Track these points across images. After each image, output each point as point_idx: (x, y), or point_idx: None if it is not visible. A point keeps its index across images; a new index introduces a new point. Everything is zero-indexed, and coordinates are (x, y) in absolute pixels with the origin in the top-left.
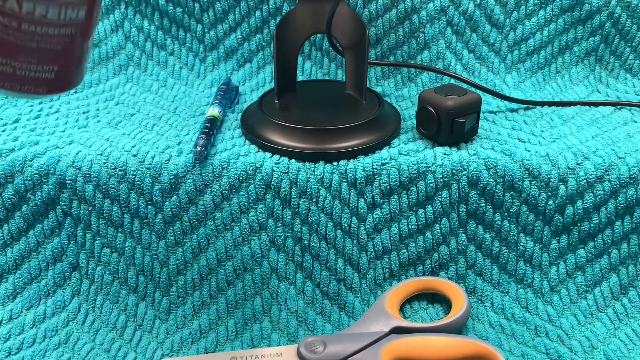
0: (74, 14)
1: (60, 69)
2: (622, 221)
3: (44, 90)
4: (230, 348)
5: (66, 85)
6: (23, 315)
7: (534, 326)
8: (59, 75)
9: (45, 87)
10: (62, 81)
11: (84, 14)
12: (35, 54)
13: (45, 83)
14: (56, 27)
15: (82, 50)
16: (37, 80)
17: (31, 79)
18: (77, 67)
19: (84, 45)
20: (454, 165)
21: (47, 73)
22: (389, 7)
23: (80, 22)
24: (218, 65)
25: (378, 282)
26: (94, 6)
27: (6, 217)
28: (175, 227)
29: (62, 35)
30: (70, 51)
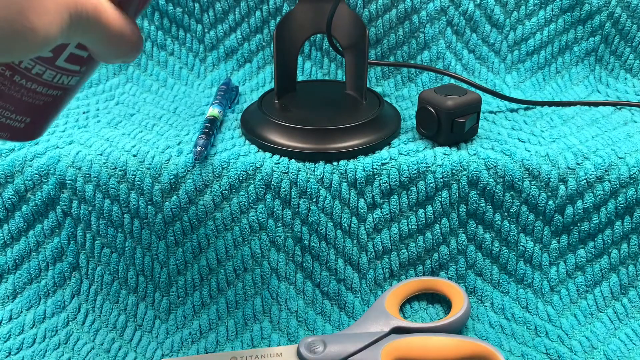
0: (68, 80)
1: (32, 122)
2: (622, 221)
3: (6, 136)
4: (230, 348)
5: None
6: (23, 315)
7: (534, 326)
8: (27, 127)
9: (8, 134)
10: (27, 133)
11: (77, 82)
12: (15, 104)
13: (11, 130)
14: (45, 87)
15: (59, 110)
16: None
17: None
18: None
19: (62, 107)
20: (454, 165)
21: (18, 122)
22: (389, 7)
23: (70, 88)
24: (218, 65)
25: (378, 282)
26: (86, 77)
27: (6, 217)
28: (175, 227)
29: (48, 95)
30: (49, 109)
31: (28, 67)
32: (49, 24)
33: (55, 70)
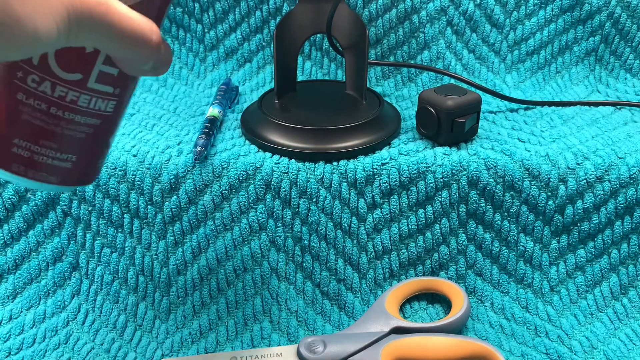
0: (104, 105)
1: (78, 160)
2: (622, 221)
3: (57, 180)
4: (230, 348)
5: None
6: (23, 315)
7: (534, 326)
8: (74, 167)
9: (58, 177)
10: (76, 173)
11: (113, 107)
12: (57, 140)
13: (60, 172)
14: (83, 116)
15: (104, 144)
16: (52, 169)
17: (46, 167)
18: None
19: (106, 140)
20: (454, 165)
21: (65, 162)
22: (389, 7)
23: (108, 115)
24: (218, 65)
25: (378, 282)
26: (123, 102)
27: (6, 217)
28: (175, 227)
29: (88, 125)
30: (92, 143)
31: (62, 95)
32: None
33: (89, 94)
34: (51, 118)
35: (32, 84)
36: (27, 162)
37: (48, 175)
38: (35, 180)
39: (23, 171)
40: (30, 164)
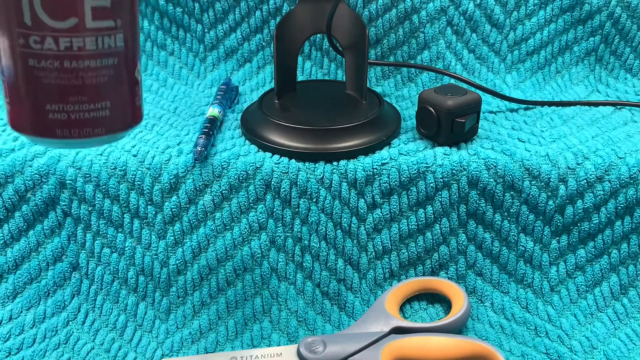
0: (112, 41)
1: (114, 103)
2: (622, 221)
3: (103, 131)
4: (230, 348)
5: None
6: (23, 315)
7: (534, 326)
8: (114, 111)
9: (103, 127)
10: (120, 117)
11: (123, 40)
12: (85, 92)
13: (103, 122)
14: (97, 59)
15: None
16: (94, 121)
17: (87, 121)
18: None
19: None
20: (454, 165)
21: (102, 110)
22: (389, 7)
23: (121, 50)
24: (218, 65)
25: (378, 282)
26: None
27: (6, 217)
28: (175, 227)
29: (106, 67)
30: (119, 83)
31: (68, 46)
32: None
33: (92, 35)
34: (69, 72)
35: (36, 45)
36: (67, 124)
37: (93, 129)
38: (83, 138)
39: (68, 133)
40: (71, 124)
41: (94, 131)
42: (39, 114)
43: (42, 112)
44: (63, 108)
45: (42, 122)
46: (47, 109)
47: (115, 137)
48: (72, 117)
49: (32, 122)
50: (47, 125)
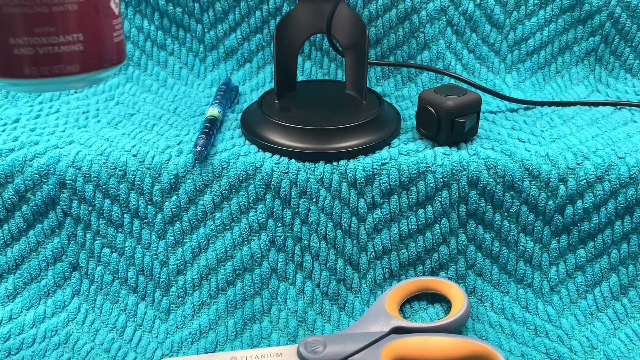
0: None
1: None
2: (622, 221)
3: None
4: (230, 348)
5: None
6: (23, 315)
7: (534, 326)
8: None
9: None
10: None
11: None
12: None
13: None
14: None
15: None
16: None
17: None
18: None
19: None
20: (454, 165)
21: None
22: (389, 7)
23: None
24: (218, 65)
25: (378, 282)
26: None
27: (6, 217)
28: (175, 227)
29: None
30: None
31: None
32: None
33: None
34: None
35: None
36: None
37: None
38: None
39: (37, 71)
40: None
41: (67, 68)
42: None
43: (6, 46)
44: (28, 42)
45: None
46: (10, 43)
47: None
48: (40, 52)
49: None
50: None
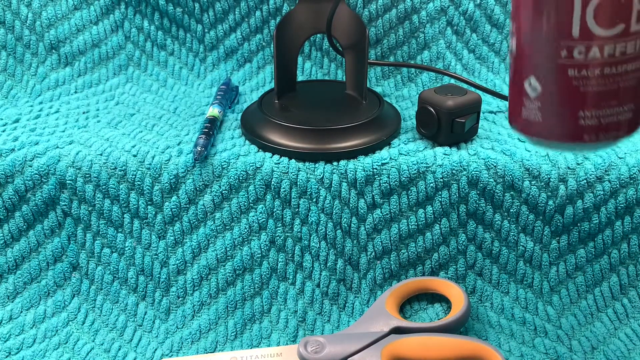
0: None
1: (636, 105)
2: (622, 221)
3: (623, 133)
4: (230, 348)
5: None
6: (23, 315)
7: (534, 326)
8: (636, 113)
9: (624, 129)
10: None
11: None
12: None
13: (624, 124)
14: (633, 62)
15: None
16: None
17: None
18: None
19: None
20: (454, 165)
21: (626, 113)
22: (389, 7)
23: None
24: (218, 65)
25: (378, 282)
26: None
27: (6, 217)
28: (175, 227)
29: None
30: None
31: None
32: None
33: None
34: (607, 78)
35: (579, 56)
36: (596, 128)
37: (618, 130)
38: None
39: (595, 138)
40: (599, 128)
41: (618, 134)
42: (570, 120)
43: (574, 117)
44: (594, 114)
45: (571, 128)
46: (579, 115)
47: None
48: (602, 122)
49: (562, 130)
50: (576, 130)
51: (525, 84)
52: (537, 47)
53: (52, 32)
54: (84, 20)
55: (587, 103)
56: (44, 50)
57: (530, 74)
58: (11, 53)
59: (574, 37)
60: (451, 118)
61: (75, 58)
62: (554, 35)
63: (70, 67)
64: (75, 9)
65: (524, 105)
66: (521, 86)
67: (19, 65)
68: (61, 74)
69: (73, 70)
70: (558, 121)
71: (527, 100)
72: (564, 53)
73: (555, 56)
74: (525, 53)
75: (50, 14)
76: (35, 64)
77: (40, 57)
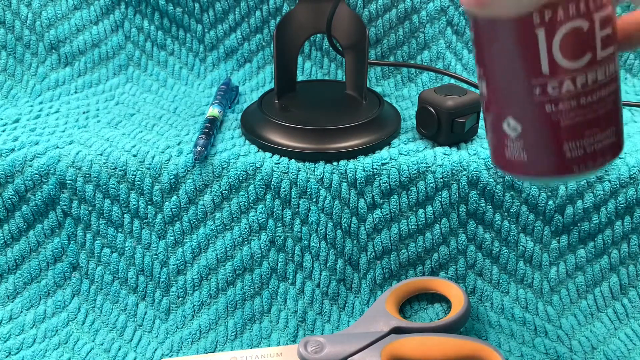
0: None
1: (617, 127)
2: (622, 221)
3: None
4: (230, 348)
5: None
6: (23, 315)
7: (534, 326)
8: (617, 134)
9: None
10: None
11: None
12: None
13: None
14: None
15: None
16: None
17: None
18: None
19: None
20: (454, 165)
21: (609, 138)
22: (389, 7)
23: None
24: (218, 65)
25: (378, 282)
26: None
27: (6, 217)
28: (175, 227)
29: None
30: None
31: (584, 83)
32: None
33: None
34: (584, 108)
35: (554, 91)
36: (583, 158)
37: (605, 156)
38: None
39: (584, 167)
40: (586, 158)
41: (604, 159)
42: (556, 155)
43: (560, 152)
44: (580, 144)
45: (560, 162)
46: (564, 148)
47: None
48: (588, 151)
49: (550, 165)
50: (565, 164)
51: (504, 125)
52: (510, 89)
53: (52, 32)
54: (84, 20)
55: (570, 135)
56: (44, 50)
57: (507, 115)
58: (11, 53)
59: (545, 74)
60: (451, 118)
61: (75, 58)
62: (525, 76)
63: (70, 67)
64: (75, 9)
65: (505, 145)
66: (500, 128)
67: (19, 65)
68: (61, 74)
69: (73, 70)
70: (545, 157)
71: (508, 140)
72: (537, 91)
73: (530, 95)
74: (499, 96)
75: (50, 14)
76: (35, 64)
77: (40, 57)
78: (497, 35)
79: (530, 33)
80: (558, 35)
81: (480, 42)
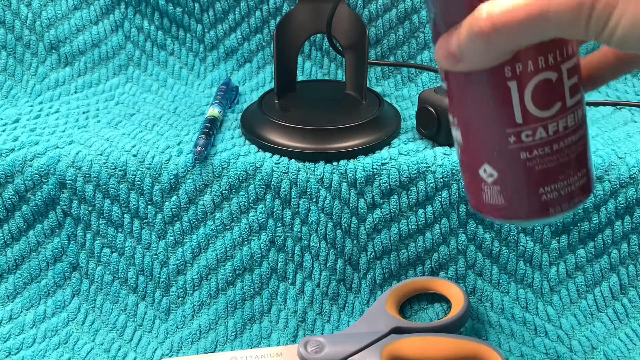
0: (581, 111)
1: (588, 168)
2: (622, 221)
3: (582, 197)
4: (230, 348)
5: (593, 183)
6: (23, 315)
7: (534, 326)
8: (589, 174)
9: (583, 193)
10: (590, 180)
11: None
12: (570, 166)
13: (582, 188)
14: (576, 132)
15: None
16: (576, 190)
17: (573, 193)
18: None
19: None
20: (454, 165)
21: (582, 178)
22: (389, 7)
23: (584, 117)
24: (218, 65)
25: (378, 282)
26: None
27: (6, 217)
28: (175, 227)
29: (580, 136)
30: (586, 147)
31: (556, 130)
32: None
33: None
34: (557, 153)
35: (528, 139)
36: (558, 200)
37: (578, 197)
38: (570, 209)
39: (559, 209)
40: (561, 200)
41: (579, 199)
42: (532, 199)
43: (536, 196)
44: (554, 187)
45: (536, 206)
46: (540, 192)
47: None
48: (562, 193)
49: (527, 209)
50: (541, 207)
51: (480, 171)
52: (485, 137)
53: (52, 32)
54: (84, 20)
55: (545, 179)
56: (44, 50)
57: (483, 162)
58: (11, 53)
59: (519, 124)
60: None
61: (75, 58)
62: (500, 125)
63: (70, 67)
64: (75, 9)
65: (482, 190)
66: (476, 174)
67: (19, 65)
68: (61, 74)
69: (73, 70)
70: (521, 201)
71: (485, 185)
72: (512, 139)
73: (505, 143)
74: (474, 144)
75: (50, 14)
76: (35, 64)
77: (40, 57)
78: (471, 87)
79: (503, 85)
80: (529, 86)
81: (453, 93)
